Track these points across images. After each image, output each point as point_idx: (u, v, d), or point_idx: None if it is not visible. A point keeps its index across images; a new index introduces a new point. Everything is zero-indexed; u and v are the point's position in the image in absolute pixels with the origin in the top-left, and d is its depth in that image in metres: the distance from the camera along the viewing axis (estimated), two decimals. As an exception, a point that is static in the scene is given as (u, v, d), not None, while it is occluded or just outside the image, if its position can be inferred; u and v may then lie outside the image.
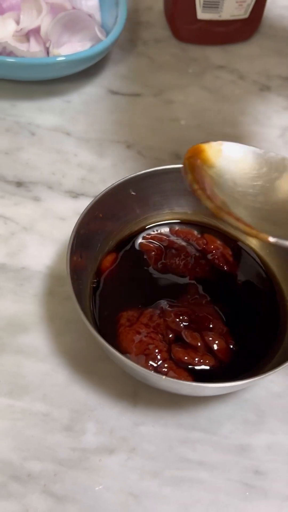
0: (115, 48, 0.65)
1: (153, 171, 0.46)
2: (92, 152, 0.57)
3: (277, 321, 0.44)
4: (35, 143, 0.57)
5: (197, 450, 0.40)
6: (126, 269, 0.46)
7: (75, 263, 0.42)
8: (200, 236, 0.48)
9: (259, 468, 0.39)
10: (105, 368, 0.43)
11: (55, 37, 0.59)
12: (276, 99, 0.64)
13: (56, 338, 0.44)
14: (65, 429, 0.40)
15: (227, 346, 0.42)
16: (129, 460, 0.39)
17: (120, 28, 0.59)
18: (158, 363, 0.40)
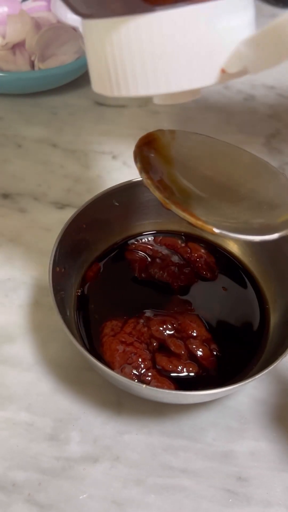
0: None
1: (135, 181, 0.46)
2: (78, 163, 0.58)
3: (260, 327, 0.44)
4: (21, 155, 0.58)
5: (181, 457, 0.40)
6: (110, 278, 0.47)
7: (58, 274, 0.42)
8: (184, 245, 0.49)
9: (242, 475, 0.40)
10: (90, 377, 0.43)
11: (40, 51, 0.60)
12: (261, 107, 0.65)
13: (41, 348, 0.45)
14: (49, 438, 0.40)
15: (211, 353, 0.42)
16: (113, 468, 0.39)
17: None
18: (142, 372, 0.40)
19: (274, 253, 0.45)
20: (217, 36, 0.28)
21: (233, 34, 0.28)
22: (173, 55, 0.28)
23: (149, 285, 0.46)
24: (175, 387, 0.40)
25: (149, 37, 0.28)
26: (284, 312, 0.43)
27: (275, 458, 0.40)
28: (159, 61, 0.28)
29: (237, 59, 0.28)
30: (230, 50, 0.28)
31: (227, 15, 0.28)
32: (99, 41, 0.29)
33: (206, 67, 0.29)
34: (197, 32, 0.28)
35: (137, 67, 0.28)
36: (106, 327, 0.43)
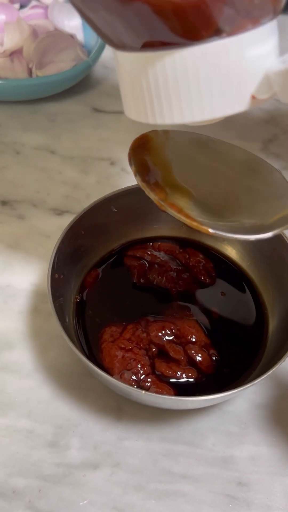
0: (98, 66, 0.66)
1: (133, 188, 0.47)
2: (76, 170, 0.58)
3: (259, 332, 0.44)
4: (20, 162, 0.58)
5: (181, 463, 0.40)
6: (109, 284, 0.47)
7: (57, 281, 0.42)
8: (182, 250, 0.49)
9: (242, 480, 0.40)
10: (89, 384, 0.43)
11: (37, 58, 0.60)
12: (258, 112, 0.65)
13: (41, 354, 0.45)
14: (50, 445, 0.40)
15: (210, 358, 0.42)
16: (113, 474, 0.39)
17: (101, 47, 0.60)
18: (141, 378, 0.40)
19: (271, 258, 0.45)
20: (246, 65, 0.29)
21: (260, 62, 0.30)
22: (206, 86, 0.29)
23: (147, 291, 0.46)
24: (174, 392, 0.40)
25: (183, 70, 0.29)
26: (282, 316, 0.43)
27: (275, 462, 0.40)
28: (193, 91, 0.30)
29: (266, 86, 0.30)
30: (259, 77, 0.30)
31: (254, 44, 0.29)
32: (136, 71, 0.31)
33: (237, 95, 0.30)
34: (228, 63, 0.29)
35: (172, 98, 0.30)
36: (105, 333, 0.43)
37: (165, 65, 0.29)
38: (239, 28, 0.28)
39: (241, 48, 0.29)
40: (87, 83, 0.65)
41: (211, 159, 0.40)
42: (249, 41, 0.29)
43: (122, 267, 0.48)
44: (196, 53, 0.28)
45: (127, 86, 0.32)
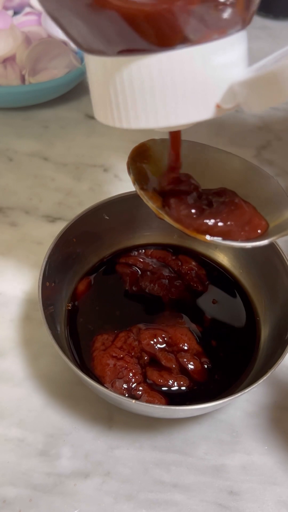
0: (92, 73, 0.66)
1: (125, 195, 0.47)
2: (69, 176, 0.58)
3: (250, 340, 0.44)
4: (12, 168, 0.58)
5: (172, 472, 0.40)
6: (101, 292, 0.47)
7: (48, 289, 0.42)
8: (175, 258, 0.49)
9: (234, 489, 0.40)
10: (81, 392, 0.43)
11: (30, 65, 0.60)
12: (251, 119, 0.65)
13: (32, 363, 0.45)
14: (40, 454, 0.40)
15: (202, 367, 0.42)
16: (104, 483, 0.39)
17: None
18: (133, 386, 0.40)
19: (264, 266, 0.45)
20: (211, 74, 0.29)
21: (226, 71, 0.30)
22: (171, 93, 0.30)
23: (140, 299, 0.46)
24: (166, 401, 0.40)
25: (149, 76, 0.29)
26: (274, 324, 0.43)
27: (267, 471, 0.40)
28: (159, 97, 0.30)
29: (231, 97, 0.30)
30: (224, 86, 0.30)
31: (221, 53, 0.29)
32: (103, 75, 0.31)
33: (203, 103, 0.30)
34: (193, 71, 0.29)
35: (138, 102, 0.30)
36: (96, 341, 0.43)
37: (132, 70, 0.29)
38: (205, 37, 0.28)
39: (207, 56, 0.29)
40: (80, 90, 0.65)
41: (208, 168, 0.40)
42: (215, 50, 0.29)
43: (114, 274, 0.48)
44: (163, 59, 0.29)
45: (96, 89, 0.32)
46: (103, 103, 0.32)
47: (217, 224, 0.34)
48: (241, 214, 0.35)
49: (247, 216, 0.36)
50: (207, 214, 0.35)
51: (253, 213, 0.36)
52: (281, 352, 0.39)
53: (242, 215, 0.35)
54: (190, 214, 0.35)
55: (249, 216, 0.36)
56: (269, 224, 0.36)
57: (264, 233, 0.35)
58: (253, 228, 0.35)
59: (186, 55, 0.29)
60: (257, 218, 0.36)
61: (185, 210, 0.35)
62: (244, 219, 0.35)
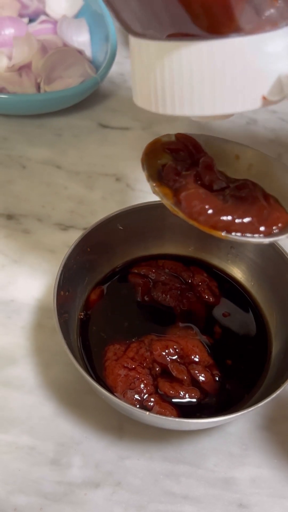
0: (105, 81, 0.67)
1: (139, 206, 0.47)
2: (81, 185, 0.58)
3: (262, 353, 0.44)
4: (26, 176, 0.59)
5: (182, 483, 0.40)
6: (113, 302, 0.47)
7: (62, 297, 0.42)
8: (187, 269, 0.49)
9: (243, 502, 0.40)
10: (92, 401, 0.43)
11: (46, 73, 0.60)
12: (263, 131, 0.65)
13: (43, 370, 0.45)
14: (51, 462, 0.40)
15: (213, 379, 0.42)
16: (114, 494, 0.39)
17: (109, 64, 0.61)
18: (144, 397, 0.40)
19: (275, 279, 0.46)
20: (260, 65, 0.30)
21: (275, 63, 0.30)
22: (220, 81, 0.30)
23: (152, 309, 0.47)
24: (177, 412, 0.40)
25: (199, 62, 0.30)
26: (286, 338, 0.44)
27: (276, 484, 0.41)
28: (207, 85, 0.30)
29: (278, 89, 0.31)
30: (273, 78, 0.30)
31: (270, 46, 0.30)
32: (150, 60, 0.31)
33: (249, 93, 0.31)
34: (243, 61, 0.30)
35: (185, 89, 0.30)
36: (108, 351, 0.43)
37: (182, 55, 0.30)
38: (258, 28, 0.29)
39: (258, 48, 0.30)
40: (94, 98, 0.66)
41: (224, 162, 0.39)
42: (266, 42, 0.30)
43: (127, 284, 0.48)
44: (214, 47, 0.29)
45: (140, 73, 0.32)
46: (147, 88, 0.32)
47: (234, 220, 0.34)
48: (260, 208, 0.35)
49: (267, 210, 0.35)
50: (224, 210, 0.34)
51: (274, 207, 0.36)
52: (293, 367, 0.39)
53: (261, 209, 0.35)
54: (204, 210, 0.34)
55: (269, 210, 0.35)
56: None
57: (284, 227, 0.35)
58: (272, 223, 0.35)
59: (238, 44, 0.29)
60: (278, 212, 0.35)
61: (198, 206, 0.34)
62: (263, 214, 0.35)
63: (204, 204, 0.35)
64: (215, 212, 0.34)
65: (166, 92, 0.31)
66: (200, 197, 0.35)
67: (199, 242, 0.49)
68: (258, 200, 0.36)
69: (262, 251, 0.46)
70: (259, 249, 0.47)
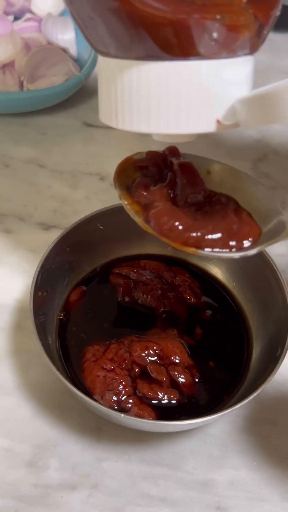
0: (90, 80, 0.66)
1: (119, 206, 0.46)
2: (65, 184, 0.58)
3: (242, 354, 0.44)
4: (8, 175, 0.58)
5: (160, 486, 0.40)
6: (94, 302, 0.46)
7: (40, 298, 0.42)
8: (169, 269, 0.49)
9: (221, 504, 0.39)
10: (70, 403, 0.43)
11: (29, 71, 0.60)
12: (249, 132, 0.65)
13: (22, 372, 0.44)
14: (28, 464, 0.40)
15: (193, 380, 0.42)
16: (91, 496, 0.39)
17: (94, 62, 0.60)
18: (122, 399, 0.40)
19: (257, 280, 0.45)
20: (216, 89, 0.31)
21: (231, 89, 0.32)
22: (175, 101, 0.31)
23: (132, 310, 0.46)
24: (156, 414, 0.40)
25: (157, 82, 0.31)
26: (266, 339, 0.43)
27: (255, 487, 0.40)
28: (163, 104, 0.31)
29: (231, 114, 0.32)
30: (227, 103, 0.32)
31: (228, 71, 0.31)
32: (111, 77, 0.32)
33: (204, 116, 0.32)
34: (200, 84, 0.31)
35: (142, 106, 0.32)
36: (87, 352, 0.43)
37: (140, 74, 0.31)
38: (215, 54, 0.30)
39: (214, 72, 0.31)
40: (79, 98, 0.65)
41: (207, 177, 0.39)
42: (223, 68, 0.31)
43: (108, 284, 0.47)
44: (172, 68, 0.30)
45: (104, 90, 0.34)
46: (108, 104, 0.33)
47: (204, 236, 0.34)
48: (230, 223, 0.35)
49: (237, 225, 0.35)
50: (194, 226, 0.35)
51: (245, 221, 0.36)
52: (272, 368, 0.38)
53: (231, 224, 0.35)
54: (174, 227, 0.34)
55: (239, 225, 0.35)
56: (262, 232, 0.36)
57: (256, 241, 0.35)
58: (243, 237, 0.35)
59: (195, 67, 0.30)
60: (248, 226, 0.36)
61: (168, 223, 0.35)
62: (233, 229, 0.35)
63: (173, 221, 0.35)
64: (185, 229, 0.35)
65: (125, 108, 0.32)
66: (169, 214, 0.35)
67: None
68: (228, 215, 0.36)
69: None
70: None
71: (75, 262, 0.47)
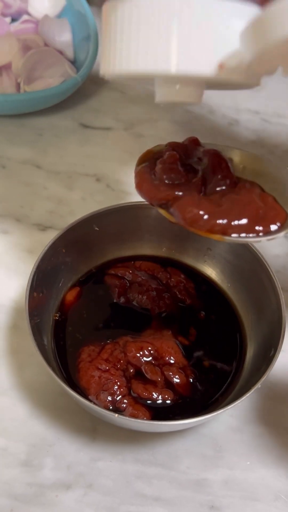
0: (87, 81, 0.66)
1: (115, 207, 0.47)
2: (61, 185, 0.58)
3: (236, 355, 0.44)
4: (5, 175, 0.58)
5: (154, 485, 0.40)
6: (89, 303, 0.47)
7: (36, 299, 0.42)
8: (164, 270, 0.49)
9: (215, 504, 0.40)
10: (65, 403, 0.43)
11: (26, 73, 0.60)
12: (245, 132, 0.65)
13: (17, 372, 0.45)
14: (23, 464, 0.40)
15: (187, 380, 0.42)
16: (86, 496, 0.39)
17: (91, 64, 0.60)
18: (117, 399, 0.40)
19: (251, 281, 0.46)
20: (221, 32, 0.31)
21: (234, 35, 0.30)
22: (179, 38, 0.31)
23: (127, 310, 0.46)
24: (150, 414, 0.40)
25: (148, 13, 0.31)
26: (260, 341, 0.44)
27: (248, 487, 0.40)
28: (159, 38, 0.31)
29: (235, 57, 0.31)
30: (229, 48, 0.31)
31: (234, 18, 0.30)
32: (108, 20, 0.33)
33: (206, 56, 0.31)
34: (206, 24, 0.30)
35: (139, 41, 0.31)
36: (83, 352, 0.43)
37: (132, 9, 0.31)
38: None
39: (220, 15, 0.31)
40: (76, 99, 0.65)
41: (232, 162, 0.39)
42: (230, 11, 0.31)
43: (103, 285, 0.48)
44: None
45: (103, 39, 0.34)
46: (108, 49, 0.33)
47: (230, 223, 0.34)
48: (256, 209, 0.35)
49: (263, 210, 0.35)
50: (220, 213, 0.34)
51: (271, 205, 0.36)
52: (265, 369, 0.39)
53: (257, 210, 0.35)
54: (199, 216, 0.34)
55: (265, 209, 0.35)
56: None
57: (283, 224, 0.35)
58: (270, 221, 0.35)
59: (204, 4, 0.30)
60: (274, 210, 0.36)
61: (191, 212, 0.35)
62: (259, 214, 0.35)
63: (197, 210, 0.35)
64: (210, 216, 0.34)
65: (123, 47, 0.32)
66: (192, 203, 0.35)
67: (175, 243, 0.49)
68: (254, 200, 0.36)
69: (238, 253, 0.46)
70: (235, 250, 0.47)
71: (70, 263, 0.47)
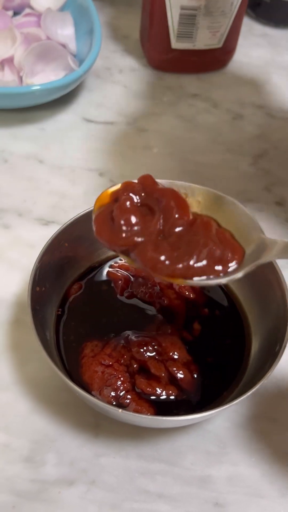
0: (90, 75, 0.66)
1: (119, 201, 0.46)
2: (64, 180, 0.58)
3: (241, 350, 0.44)
4: (7, 170, 0.58)
5: (158, 481, 0.40)
6: (92, 298, 0.46)
7: (38, 293, 0.42)
8: (167, 265, 0.48)
9: (219, 500, 0.39)
10: (68, 398, 0.43)
11: (28, 67, 0.59)
12: (249, 127, 0.65)
13: (20, 367, 0.44)
14: (25, 460, 0.40)
15: (191, 376, 0.42)
16: (89, 492, 0.39)
17: (93, 57, 0.60)
18: (121, 394, 0.40)
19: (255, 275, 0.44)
20: None
21: None
22: None
23: (131, 305, 0.46)
24: (154, 410, 0.40)
25: None
26: (264, 336, 0.43)
27: (253, 483, 0.40)
28: None
29: None
30: None
31: None
32: None
33: None
34: None
35: None
36: (86, 347, 0.43)
37: None
38: None
39: None
40: (79, 93, 0.65)
41: None
42: None
43: (106, 280, 0.47)
44: None
45: None
46: None
47: (190, 266, 0.34)
48: (214, 249, 0.35)
49: (220, 249, 0.35)
50: (179, 257, 0.35)
51: (229, 242, 0.36)
52: (270, 364, 0.38)
53: (215, 249, 0.35)
54: (159, 261, 0.35)
55: (222, 248, 0.35)
56: (245, 251, 0.36)
57: (241, 262, 0.36)
58: (228, 260, 0.35)
59: None
60: (232, 248, 0.36)
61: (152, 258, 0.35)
62: (217, 253, 0.35)
63: (158, 256, 0.35)
64: (171, 262, 0.35)
65: None
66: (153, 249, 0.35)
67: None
68: (211, 239, 0.36)
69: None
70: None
71: (73, 257, 0.46)
